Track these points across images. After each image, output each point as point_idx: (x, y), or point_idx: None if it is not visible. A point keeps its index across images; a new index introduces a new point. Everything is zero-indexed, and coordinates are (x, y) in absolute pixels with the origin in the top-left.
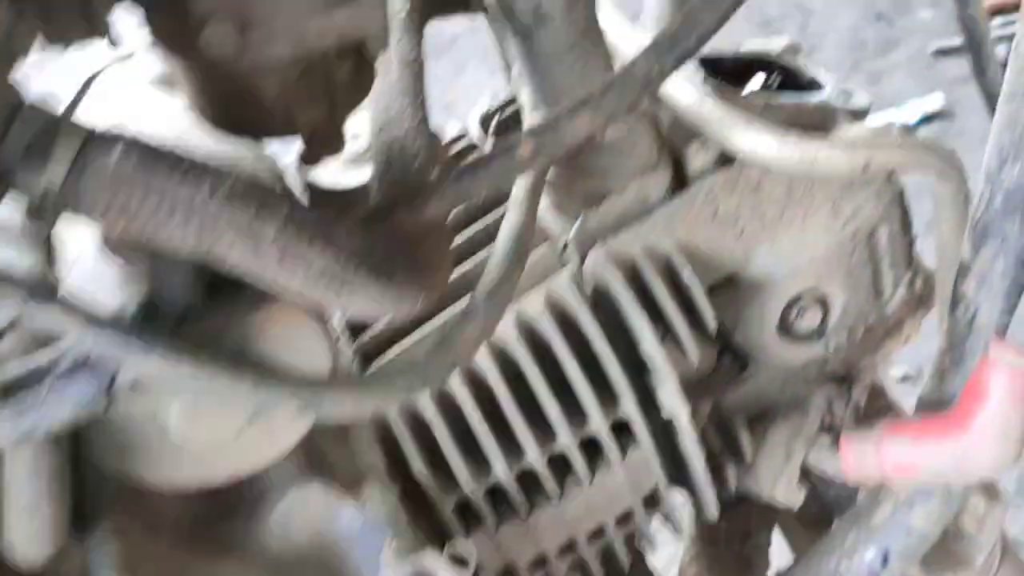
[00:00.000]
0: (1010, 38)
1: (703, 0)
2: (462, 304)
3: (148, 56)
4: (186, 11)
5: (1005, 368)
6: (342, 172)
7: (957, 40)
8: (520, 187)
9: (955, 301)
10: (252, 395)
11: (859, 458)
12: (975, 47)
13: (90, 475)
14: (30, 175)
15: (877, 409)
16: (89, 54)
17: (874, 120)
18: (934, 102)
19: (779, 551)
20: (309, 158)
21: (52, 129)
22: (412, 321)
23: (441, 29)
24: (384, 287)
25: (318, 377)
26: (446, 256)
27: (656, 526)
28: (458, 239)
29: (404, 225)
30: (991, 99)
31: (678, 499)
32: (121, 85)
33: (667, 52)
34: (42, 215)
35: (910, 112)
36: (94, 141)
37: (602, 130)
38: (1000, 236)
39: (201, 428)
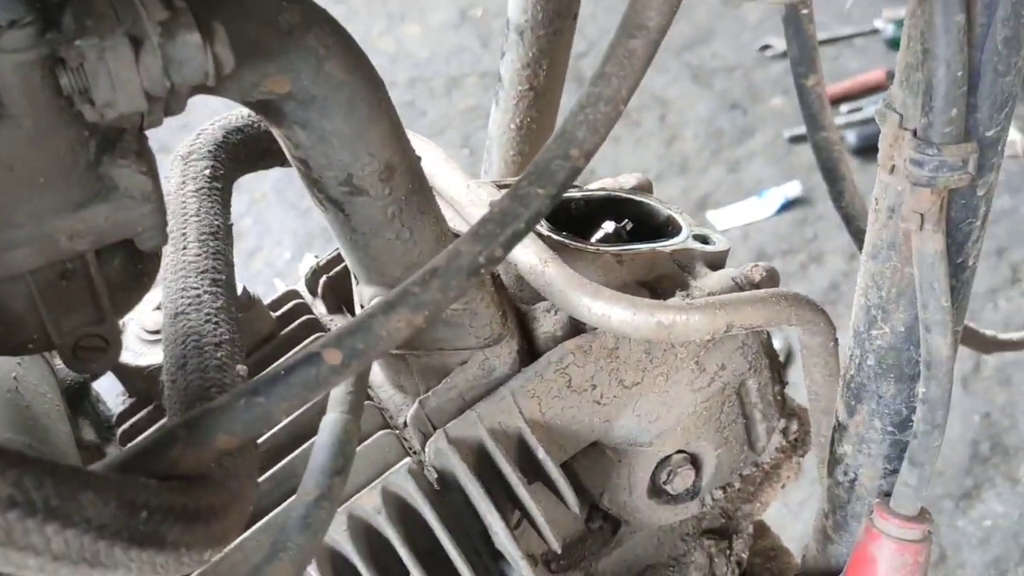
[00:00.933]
0: (859, 123)
1: (534, 177)
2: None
3: None
4: None
5: (891, 540)
6: (144, 347)
7: None
8: (340, 387)
9: (833, 463)
10: None
11: None
12: (831, 174)
13: None
14: None
15: (761, 551)
16: None
17: (728, 272)
18: (793, 189)
19: None
20: (77, 368)
21: None
22: None
23: (446, 71)
24: (154, 555)
25: None
26: (247, 479)
27: None
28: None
29: (182, 464)
30: (849, 221)
31: None
32: None
33: (494, 236)
34: None
35: (770, 200)
36: None
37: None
38: (875, 397)
39: None
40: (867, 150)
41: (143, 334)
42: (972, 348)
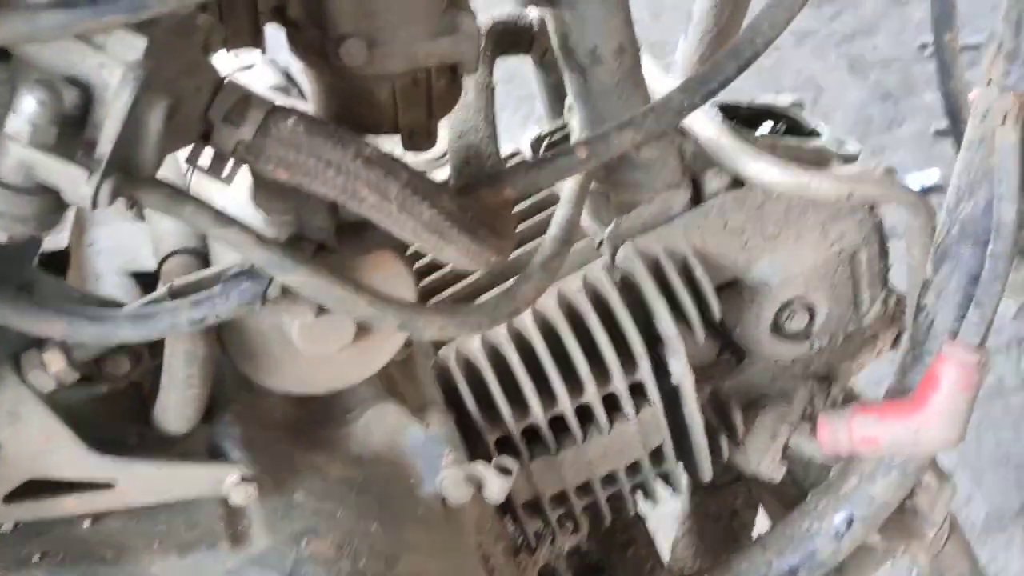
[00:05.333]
0: None
1: (726, 53)
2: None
3: (264, 68)
4: (327, 31)
5: (955, 363)
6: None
7: None
8: (569, 188)
9: (917, 310)
10: (366, 310)
11: (832, 433)
12: (954, 118)
13: (221, 375)
14: (226, 133)
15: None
16: (216, 62)
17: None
18: (931, 176)
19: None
20: (408, 147)
21: (246, 99)
22: (455, 278)
23: None
24: (470, 242)
25: (415, 304)
26: (514, 230)
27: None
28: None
29: (485, 200)
30: None
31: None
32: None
33: (696, 90)
34: (223, 167)
35: (910, 184)
36: (276, 111)
37: (640, 145)
38: (956, 258)
39: (314, 341)
40: None
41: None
42: None
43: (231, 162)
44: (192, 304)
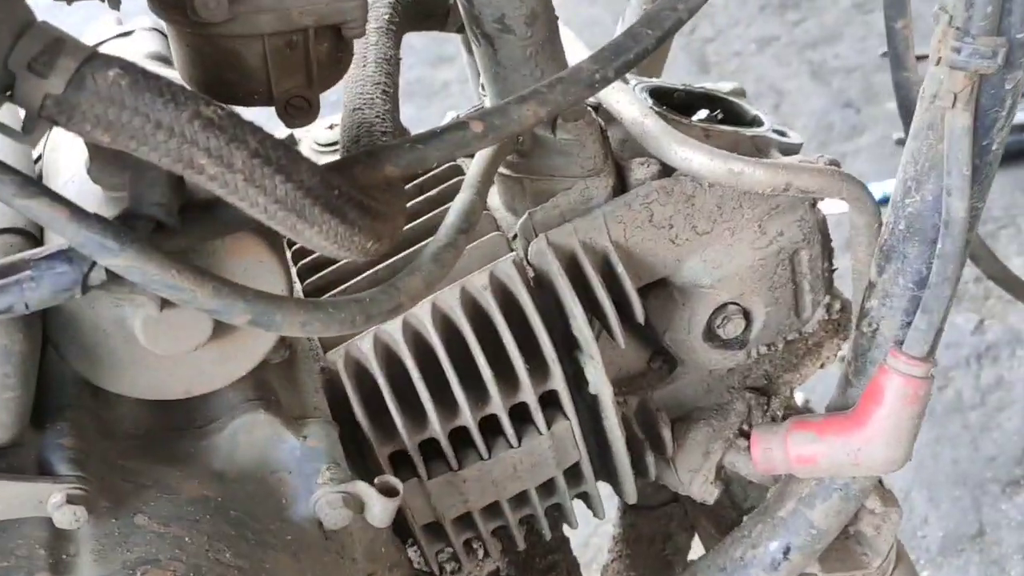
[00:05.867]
0: None
1: (644, 21)
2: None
3: (145, 34)
4: None
5: (899, 375)
6: (318, 156)
7: None
8: (472, 173)
9: (861, 316)
10: (209, 302)
11: (766, 450)
12: (906, 111)
13: (53, 374)
14: (31, 85)
15: None
16: (92, 30)
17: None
18: (892, 186)
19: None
20: (286, 122)
21: (57, 45)
22: (355, 270)
23: (433, 76)
24: (337, 224)
25: (272, 295)
26: (399, 213)
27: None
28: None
29: (361, 178)
30: None
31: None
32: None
33: (609, 61)
34: (32, 126)
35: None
36: (94, 60)
37: (548, 122)
38: (902, 258)
39: (163, 338)
40: None
41: (315, 147)
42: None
43: (38, 122)
44: None
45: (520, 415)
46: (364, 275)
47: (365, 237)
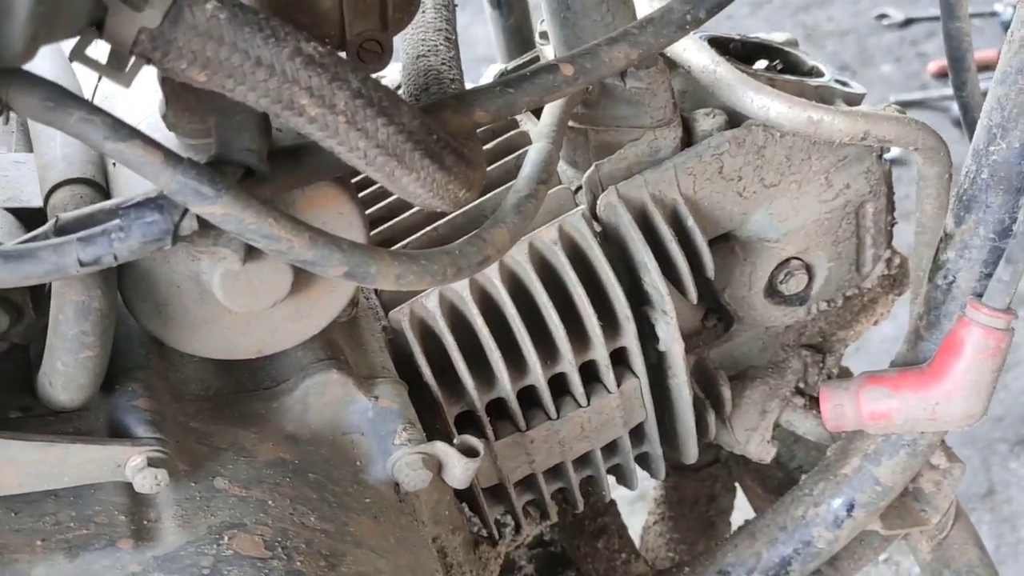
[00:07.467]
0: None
1: None
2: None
3: None
4: None
5: (979, 327)
6: None
7: (917, 94)
8: (545, 123)
9: (935, 269)
10: (307, 253)
11: (837, 406)
12: (956, 60)
13: (119, 334)
14: (125, 18)
15: None
16: None
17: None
18: (892, 150)
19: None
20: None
21: None
22: (412, 227)
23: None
24: (435, 171)
25: (367, 246)
26: (484, 164)
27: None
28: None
29: (451, 124)
30: (966, 111)
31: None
32: None
33: (701, 1)
34: (124, 65)
35: None
36: None
37: (636, 66)
38: (983, 207)
39: (242, 294)
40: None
41: None
42: None
43: (132, 60)
44: (82, 242)
45: (588, 375)
46: (423, 232)
47: (459, 185)
